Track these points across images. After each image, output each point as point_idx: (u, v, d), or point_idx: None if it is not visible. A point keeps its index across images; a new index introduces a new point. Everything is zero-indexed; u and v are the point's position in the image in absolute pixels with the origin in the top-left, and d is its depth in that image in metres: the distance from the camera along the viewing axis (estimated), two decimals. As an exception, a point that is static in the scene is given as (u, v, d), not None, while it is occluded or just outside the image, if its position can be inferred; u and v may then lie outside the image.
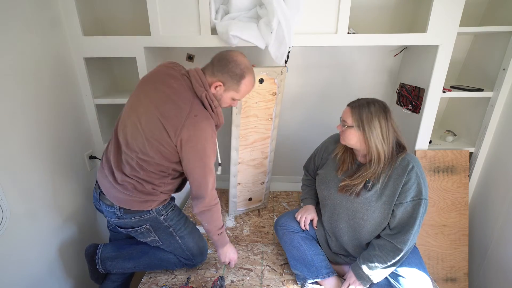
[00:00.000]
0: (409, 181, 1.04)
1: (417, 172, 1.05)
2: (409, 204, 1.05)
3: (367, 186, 1.10)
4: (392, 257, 1.06)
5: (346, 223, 1.18)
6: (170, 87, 1.01)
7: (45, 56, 1.26)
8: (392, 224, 1.09)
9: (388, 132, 1.05)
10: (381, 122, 1.04)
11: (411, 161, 1.06)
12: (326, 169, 1.26)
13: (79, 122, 1.49)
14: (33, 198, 1.19)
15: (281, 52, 1.27)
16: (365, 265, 1.11)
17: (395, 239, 1.07)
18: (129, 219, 1.10)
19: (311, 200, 1.38)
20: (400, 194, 1.06)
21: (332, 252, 1.28)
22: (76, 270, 1.47)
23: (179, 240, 1.20)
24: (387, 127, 1.05)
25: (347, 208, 1.15)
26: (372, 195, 1.09)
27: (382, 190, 1.08)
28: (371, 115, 1.04)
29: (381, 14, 1.54)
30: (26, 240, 1.16)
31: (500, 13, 1.42)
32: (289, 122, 1.93)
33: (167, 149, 1.00)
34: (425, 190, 1.06)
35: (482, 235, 1.56)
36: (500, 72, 1.39)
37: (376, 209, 1.09)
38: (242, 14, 1.32)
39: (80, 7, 1.38)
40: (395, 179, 1.06)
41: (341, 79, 1.78)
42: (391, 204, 1.07)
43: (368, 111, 1.05)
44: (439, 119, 1.82)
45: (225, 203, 1.88)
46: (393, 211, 1.08)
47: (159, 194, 1.10)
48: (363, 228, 1.14)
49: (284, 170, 2.09)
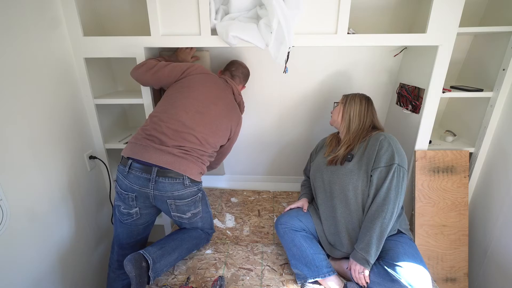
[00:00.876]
0: (382, 148, 1.18)
1: (389, 141, 1.19)
2: (383, 169, 1.16)
3: (348, 158, 1.26)
4: (378, 220, 1.13)
5: (338, 199, 1.26)
6: (227, 98, 1.41)
7: (45, 56, 1.26)
8: (371, 191, 1.19)
9: (365, 112, 1.32)
10: (362, 102, 1.34)
11: (385, 134, 1.23)
12: (317, 158, 1.44)
13: (79, 122, 1.49)
14: (33, 198, 1.20)
15: (281, 52, 1.27)
16: (360, 245, 1.16)
17: (375, 204, 1.16)
18: (193, 188, 1.25)
19: (306, 195, 1.49)
20: (375, 160, 1.19)
21: (328, 242, 1.31)
22: (76, 270, 1.47)
23: (210, 210, 1.43)
24: (366, 107, 1.33)
25: (336, 183, 1.26)
26: (354, 165, 1.24)
27: (361, 159, 1.23)
28: (355, 96, 1.36)
29: (381, 14, 1.54)
30: (26, 240, 1.17)
31: (500, 13, 1.42)
32: (289, 123, 1.93)
33: (224, 138, 1.39)
34: (399, 157, 1.17)
35: (482, 235, 1.56)
36: (500, 72, 1.39)
37: (359, 178, 1.21)
38: (242, 15, 1.32)
39: (80, 7, 1.38)
40: (370, 147, 1.22)
41: (341, 79, 1.77)
42: (369, 170, 1.20)
43: (354, 95, 1.37)
44: (439, 119, 1.82)
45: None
46: (371, 177, 1.19)
47: (206, 166, 1.34)
48: (351, 200, 1.22)
49: (284, 170, 2.09)
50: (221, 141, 1.37)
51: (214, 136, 1.31)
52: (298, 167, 1.59)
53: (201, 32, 1.34)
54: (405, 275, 1.04)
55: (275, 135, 1.98)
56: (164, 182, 1.18)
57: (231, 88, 1.44)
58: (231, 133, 1.42)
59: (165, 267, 1.23)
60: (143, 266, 1.15)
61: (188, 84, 1.32)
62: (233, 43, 1.28)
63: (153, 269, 1.16)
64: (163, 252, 1.24)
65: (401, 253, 1.11)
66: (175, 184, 1.20)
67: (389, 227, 1.14)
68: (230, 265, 1.36)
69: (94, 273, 1.63)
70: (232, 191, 2.07)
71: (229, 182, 2.16)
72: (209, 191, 2.08)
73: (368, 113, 1.33)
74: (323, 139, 1.54)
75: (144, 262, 1.16)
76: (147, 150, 1.19)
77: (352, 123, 1.32)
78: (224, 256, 1.42)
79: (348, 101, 1.35)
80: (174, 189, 1.21)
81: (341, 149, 1.30)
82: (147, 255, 1.17)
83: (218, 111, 1.33)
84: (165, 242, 1.29)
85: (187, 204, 1.27)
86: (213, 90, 1.34)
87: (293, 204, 1.46)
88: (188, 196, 1.25)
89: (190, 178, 1.23)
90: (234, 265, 1.36)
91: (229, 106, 1.39)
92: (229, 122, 1.38)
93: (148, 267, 1.15)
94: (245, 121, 1.94)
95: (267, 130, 1.97)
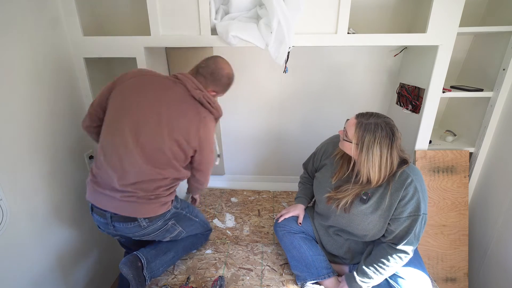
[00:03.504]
0: (406, 196, 1.01)
1: (415, 186, 1.01)
2: (406, 220, 1.03)
3: (363, 199, 1.07)
4: (387, 265, 1.05)
5: (338, 228, 1.20)
6: (175, 96, 1.09)
7: (45, 56, 1.25)
8: (388, 237, 1.08)
9: (387, 162, 1.00)
10: (382, 151, 0.99)
11: (411, 174, 1.02)
12: (323, 173, 1.26)
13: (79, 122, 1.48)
14: (33, 198, 1.19)
15: (281, 52, 1.27)
16: (358, 273, 1.11)
17: (390, 249, 1.06)
18: (155, 224, 1.13)
19: (304, 199, 1.40)
20: (396, 209, 1.03)
21: (327, 252, 1.29)
22: (76, 269, 1.47)
23: (196, 219, 1.33)
24: (388, 156, 1.00)
25: (344, 218, 1.15)
26: (368, 208, 1.07)
27: (379, 203, 1.06)
28: (373, 141, 0.98)
29: (381, 14, 1.54)
30: (26, 240, 1.16)
31: (500, 13, 1.42)
32: (289, 122, 1.93)
33: (183, 153, 1.10)
34: (424, 205, 1.02)
35: (482, 235, 1.56)
36: (500, 72, 1.39)
37: (371, 222, 1.08)
38: (242, 14, 1.32)
39: (80, 7, 1.38)
40: (392, 193, 1.03)
41: (341, 79, 1.78)
42: (387, 218, 1.06)
43: (373, 135, 0.98)
44: (439, 119, 1.82)
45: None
46: (388, 225, 1.07)
47: (173, 192, 1.18)
48: (355, 235, 1.15)
49: (284, 170, 2.09)
50: (177, 158, 1.08)
51: (161, 158, 1.05)
52: (298, 167, 1.59)
53: (201, 32, 1.33)
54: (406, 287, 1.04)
55: (275, 135, 1.98)
56: (120, 226, 1.11)
57: (182, 84, 1.10)
58: (191, 142, 1.08)
59: (161, 266, 1.23)
60: (139, 266, 1.16)
61: (116, 99, 1.08)
62: (233, 43, 1.28)
63: (148, 268, 1.17)
64: (157, 251, 1.24)
65: None
66: (132, 228, 1.10)
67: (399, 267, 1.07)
68: (230, 265, 1.36)
69: (94, 273, 1.63)
70: (232, 191, 2.07)
71: (229, 182, 2.17)
72: (209, 191, 2.08)
73: (389, 161, 1.01)
74: (330, 142, 1.30)
75: (139, 262, 1.16)
76: (97, 194, 1.09)
77: (373, 180, 1.03)
78: (224, 256, 1.42)
79: (365, 149, 0.99)
80: (134, 231, 1.12)
81: (343, 193, 1.09)
82: (141, 255, 1.18)
83: (164, 121, 1.04)
84: (159, 241, 1.29)
85: (158, 235, 1.19)
86: (152, 96, 1.06)
87: (288, 212, 1.34)
88: (153, 231, 1.15)
89: (148, 218, 1.10)
90: (234, 265, 1.36)
91: (179, 108, 1.07)
92: (182, 130, 1.06)
93: (143, 267, 1.16)
94: (245, 121, 1.95)
95: (267, 130, 1.97)
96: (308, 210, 1.39)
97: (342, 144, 1.11)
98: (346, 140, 1.06)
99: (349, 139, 1.04)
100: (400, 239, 1.04)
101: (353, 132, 1.02)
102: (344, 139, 1.07)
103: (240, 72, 1.77)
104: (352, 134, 1.03)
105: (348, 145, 1.05)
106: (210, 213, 1.79)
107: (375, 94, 1.81)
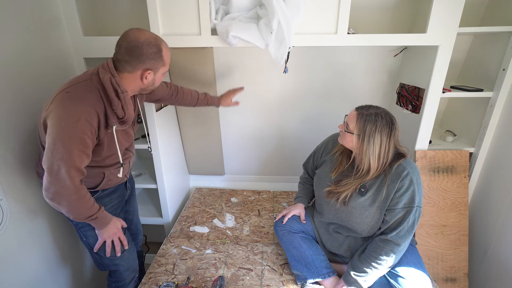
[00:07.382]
0: (402, 188, 1.05)
1: (411, 178, 1.05)
2: (400, 211, 1.06)
3: (361, 191, 1.11)
4: (380, 259, 1.07)
5: (338, 225, 1.20)
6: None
7: (45, 56, 1.26)
8: (382, 228, 1.11)
9: (386, 150, 1.05)
10: (383, 139, 1.03)
11: (407, 167, 1.06)
12: (323, 169, 1.28)
13: (79, 122, 1.49)
14: (33, 198, 1.19)
15: (281, 52, 1.27)
16: (354, 270, 1.12)
17: (381, 241, 1.08)
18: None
19: (304, 199, 1.41)
20: (392, 200, 1.07)
21: (327, 251, 1.30)
22: (76, 269, 1.47)
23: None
24: (387, 144, 1.04)
25: (343, 212, 1.17)
26: (366, 200, 1.11)
27: (376, 195, 1.09)
28: (375, 129, 1.03)
29: (381, 14, 1.54)
30: (26, 240, 1.16)
31: (500, 13, 1.42)
32: (289, 122, 1.93)
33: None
34: (419, 197, 1.06)
35: (482, 235, 1.56)
36: (500, 72, 1.39)
37: (369, 214, 1.11)
38: (242, 15, 1.32)
39: (80, 7, 1.38)
40: (389, 185, 1.07)
41: (341, 79, 1.78)
42: (383, 209, 1.09)
43: (374, 124, 1.03)
44: (439, 119, 1.82)
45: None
46: (384, 216, 1.10)
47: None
48: (354, 230, 1.17)
49: (284, 170, 2.09)
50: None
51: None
52: (298, 167, 1.59)
53: (201, 32, 1.33)
54: (407, 287, 1.05)
55: (275, 135, 1.98)
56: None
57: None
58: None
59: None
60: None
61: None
62: (233, 43, 1.28)
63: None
64: None
65: (404, 262, 1.11)
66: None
67: (394, 262, 1.09)
68: (230, 265, 1.36)
69: (94, 273, 1.63)
70: (232, 191, 2.07)
71: (229, 182, 2.17)
72: (209, 191, 2.08)
73: (388, 149, 1.05)
74: (330, 140, 1.34)
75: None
76: None
77: (372, 169, 1.07)
78: (224, 256, 1.42)
79: (366, 138, 1.04)
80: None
81: (343, 186, 1.13)
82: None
83: None
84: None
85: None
86: None
87: (289, 212, 1.35)
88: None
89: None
90: (234, 265, 1.36)
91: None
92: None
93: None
94: (245, 121, 1.95)
95: (267, 130, 1.97)
96: (309, 209, 1.40)
97: (343, 136, 1.13)
98: (348, 132, 1.09)
99: (350, 131, 1.08)
100: (393, 229, 1.07)
101: (354, 123, 1.06)
102: (345, 131, 1.11)
103: (240, 72, 1.78)
104: (353, 126, 1.07)
105: (349, 137, 1.09)
106: (210, 213, 1.79)
107: (375, 94, 1.81)
